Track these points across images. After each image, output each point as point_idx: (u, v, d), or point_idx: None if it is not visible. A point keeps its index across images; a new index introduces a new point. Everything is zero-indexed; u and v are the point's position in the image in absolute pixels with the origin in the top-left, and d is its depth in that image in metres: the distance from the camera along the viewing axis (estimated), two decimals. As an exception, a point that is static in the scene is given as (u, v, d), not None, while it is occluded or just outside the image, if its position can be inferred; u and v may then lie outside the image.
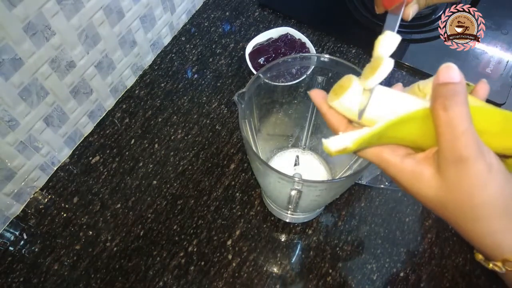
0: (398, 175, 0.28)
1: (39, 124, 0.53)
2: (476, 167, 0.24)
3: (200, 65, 0.71)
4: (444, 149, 0.25)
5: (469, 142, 0.24)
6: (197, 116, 0.65)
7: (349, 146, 0.28)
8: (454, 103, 0.24)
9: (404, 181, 0.28)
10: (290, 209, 0.51)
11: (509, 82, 0.66)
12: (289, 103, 0.55)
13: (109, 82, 0.63)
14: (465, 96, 0.25)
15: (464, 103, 0.25)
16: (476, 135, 0.24)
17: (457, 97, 0.25)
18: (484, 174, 0.24)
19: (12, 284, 0.51)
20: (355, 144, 0.28)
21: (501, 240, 0.26)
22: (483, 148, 0.25)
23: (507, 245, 0.26)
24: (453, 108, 0.24)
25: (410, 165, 0.27)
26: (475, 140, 0.24)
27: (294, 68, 0.54)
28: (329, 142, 0.29)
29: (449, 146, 0.25)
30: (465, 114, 0.24)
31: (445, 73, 0.26)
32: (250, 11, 0.78)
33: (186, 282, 0.51)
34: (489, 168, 0.24)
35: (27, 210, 0.56)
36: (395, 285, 0.51)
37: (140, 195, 0.58)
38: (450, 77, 0.25)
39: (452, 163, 0.25)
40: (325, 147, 0.29)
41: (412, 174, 0.27)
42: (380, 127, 0.27)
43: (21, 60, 0.46)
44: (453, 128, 0.24)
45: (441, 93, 0.25)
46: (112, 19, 0.57)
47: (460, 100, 0.25)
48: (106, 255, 0.53)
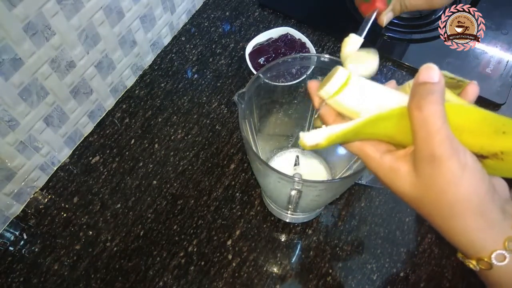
0: (377, 170, 0.29)
1: (39, 124, 0.53)
2: (449, 166, 0.24)
3: (200, 65, 0.71)
4: (418, 147, 0.25)
5: (443, 141, 0.24)
6: (197, 116, 0.65)
7: (320, 143, 0.30)
8: (429, 102, 0.25)
9: (382, 176, 0.29)
10: (290, 209, 0.51)
11: (509, 82, 0.66)
12: (289, 103, 0.55)
13: (109, 82, 0.63)
14: (441, 95, 0.25)
15: (439, 103, 0.25)
16: (450, 134, 0.25)
17: (432, 96, 0.25)
18: (458, 172, 0.24)
19: (12, 284, 0.51)
20: (326, 140, 0.29)
21: (475, 238, 0.26)
22: (457, 147, 0.25)
23: (480, 244, 0.26)
24: (427, 107, 0.25)
25: (389, 161, 0.28)
26: (449, 139, 0.24)
27: (294, 68, 0.54)
28: (305, 137, 0.30)
29: (423, 144, 0.25)
30: (439, 113, 0.25)
31: (424, 73, 0.26)
32: (250, 11, 0.78)
33: (186, 282, 0.51)
34: (462, 167, 0.24)
35: (27, 210, 0.56)
36: (395, 285, 0.51)
37: (140, 195, 0.58)
38: (429, 77, 0.26)
39: (426, 161, 0.25)
40: (301, 141, 0.30)
41: (390, 170, 0.28)
42: (354, 125, 0.28)
43: (21, 60, 0.46)
44: (426, 127, 0.25)
45: (418, 92, 0.26)
46: (112, 19, 0.57)
47: (434, 99, 0.25)
48: (106, 255, 0.53)
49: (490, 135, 0.26)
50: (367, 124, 0.28)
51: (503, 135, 0.26)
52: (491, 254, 0.25)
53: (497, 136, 0.26)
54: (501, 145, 0.26)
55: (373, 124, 0.28)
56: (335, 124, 0.30)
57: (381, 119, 0.28)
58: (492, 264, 0.26)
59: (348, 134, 0.29)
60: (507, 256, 0.25)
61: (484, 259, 0.26)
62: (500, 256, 0.25)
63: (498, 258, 0.25)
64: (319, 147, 0.30)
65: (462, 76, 0.73)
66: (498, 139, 0.26)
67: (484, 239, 0.26)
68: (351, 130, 0.29)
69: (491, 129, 0.26)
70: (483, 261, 0.26)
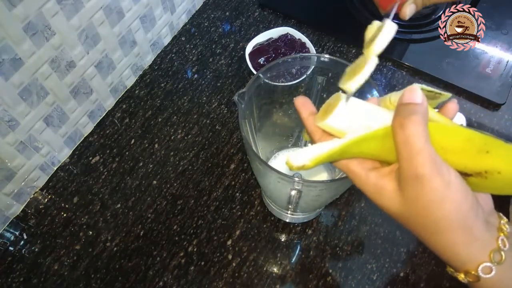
0: (363, 187, 0.29)
1: (39, 124, 0.53)
2: (432, 184, 0.25)
3: (200, 65, 0.71)
4: (402, 166, 0.26)
5: (425, 160, 0.25)
6: (197, 116, 0.65)
7: (307, 164, 0.30)
8: (411, 122, 0.25)
9: (368, 193, 0.29)
10: (290, 209, 0.51)
11: (509, 82, 0.66)
12: (289, 103, 0.55)
13: (109, 82, 0.63)
14: (424, 116, 0.26)
15: (421, 123, 0.25)
16: (433, 153, 0.25)
17: (414, 116, 0.25)
18: (441, 190, 0.25)
19: (12, 284, 0.51)
20: (312, 162, 0.30)
21: (460, 252, 0.26)
22: (441, 165, 0.25)
23: (466, 257, 0.26)
24: (409, 127, 0.25)
25: (374, 178, 0.28)
26: (431, 158, 0.25)
27: (294, 68, 0.54)
28: (291, 158, 0.30)
29: (406, 164, 0.25)
30: (421, 133, 0.25)
31: (408, 94, 0.27)
32: (250, 11, 0.78)
33: (186, 282, 0.51)
34: (446, 185, 0.25)
35: (27, 210, 0.56)
36: (395, 285, 0.51)
37: (140, 195, 0.58)
38: (412, 98, 0.26)
39: (409, 180, 0.26)
40: (287, 162, 0.31)
41: (375, 188, 0.28)
42: (339, 146, 0.29)
43: (21, 60, 0.46)
44: (409, 147, 0.25)
45: (401, 112, 0.26)
46: (112, 19, 0.57)
47: (417, 120, 0.25)
48: (106, 255, 0.53)
49: (474, 155, 0.27)
50: (353, 145, 0.29)
51: (486, 154, 0.26)
52: (478, 267, 0.26)
53: (480, 155, 0.26)
54: (484, 164, 0.26)
55: (359, 145, 0.29)
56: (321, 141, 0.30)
57: (366, 139, 0.28)
58: (480, 277, 0.26)
59: (334, 155, 0.29)
60: (493, 268, 0.26)
61: (471, 272, 0.26)
62: (487, 268, 0.26)
63: (485, 271, 0.26)
64: (305, 169, 0.30)
65: (462, 76, 0.73)
66: (482, 158, 0.26)
67: (469, 252, 0.26)
68: (337, 151, 0.29)
69: (474, 148, 0.27)
70: (470, 274, 0.26)
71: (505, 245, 0.26)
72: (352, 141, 0.28)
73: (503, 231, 0.27)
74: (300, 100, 0.34)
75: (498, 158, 0.26)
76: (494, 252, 0.26)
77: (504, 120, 0.64)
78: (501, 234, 0.26)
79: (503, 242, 0.26)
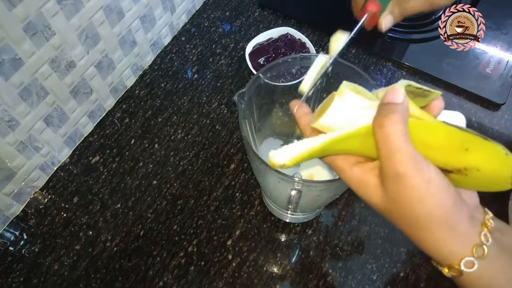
0: (348, 181, 0.30)
1: (39, 124, 0.53)
2: (412, 182, 0.25)
3: (200, 65, 0.71)
4: (382, 164, 0.26)
5: (404, 158, 0.25)
6: (197, 116, 0.65)
7: (286, 163, 0.30)
8: (390, 121, 0.25)
9: (353, 187, 0.30)
10: (290, 209, 0.51)
11: (509, 82, 0.66)
12: (289, 103, 0.55)
13: (109, 82, 0.63)
14: (403, 115, 0.26)
15: (400, 122, 0.25)
16: (412, 151, 0.25)
17: (393, 115, 0.26)
18: (422, 188, 0.25)
19: (12, 284, 0.51)
20: (292, 161, 0.30)
21: (443, 247, 0.27)
22: (421, 163, 0.25)
23: (448, 252, 0.27)
24: (388, 126, 0.25)
25: (358, 173, 0.29)
26: (411, 155, 0.25)
27: (294, 68, 0.54)
28: (273, 156, 0.31)
29: (386, 162, 0.26)
30: (399, 132, 0.25)
31: (389, 94, 0.27)
32: (250, 11, 0.78)
33: (186, 282, 0.51)
34: (427, 183, 0.25)
35: (27, 210, 0.56)
36: (395, 285, 0.51)
37: (140, 195, 0.58)
38: (393, 98, 0.27)
39: (390, 178, 0.26)
40: (270, 160, 0.31)
41: (359, 182, 0.29)
42: (319, 145, 0.29)
43: (21, 60, 0.46)
44: (388, 145, 0.25)
45: (381, 111, 0.27)
46: (112, 19, 0.57)
47: (396, 119, 0.25)
48: (106, 255, 0.53)
49: (454, 152, 0.27)
50: (334, 143, 0.29)
51: (466, 151, 0.26)
52: (460, 262, 0.26)
53: (460, 152, 0.27)
54: (464, 161, 0.27)
55: (340, 143, 0.29)
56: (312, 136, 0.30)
57: (347, 138, 0.29)
58: (462, 271, 0.26)
59: (314, 153, 0.30)
60: (475, 263, 0.26)
61: (454, 266, 0.26)
62: (469, 262, 0.26)
63: (467, 265, 0.26)
64: (286, 167, 0.31)
65: (462, 76, 0.73)
66: (462, 155, 0.27)
67: (452, 247, 0.26)
68: (317, 150, 0.29)
69: (454, 145, 0.27)
70: (453, 268, 0.27)
71: (488, 239, 0.26)
72: (332, 140, 0.29)
73: (487, 226, 0.27)
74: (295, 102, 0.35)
75: (476, 156, 0.26)
76: (477, 246, 0.26)
77: (504, 120, 0.64)
78: (485, 229, 0.27)
79: (485, 237, 0.26)
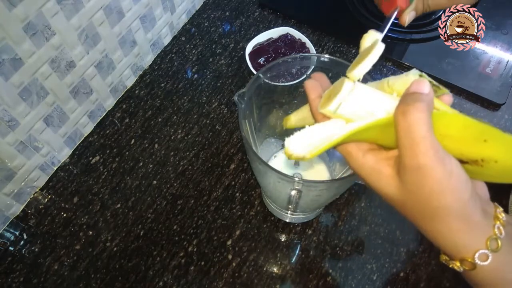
0: (360, 169, 0.29)
1: (39, 124, 0.53)
2: (434, 174, 0.24)
3: (200, 65, 0.71)
4: (403, 154, 0.25)
5: (427, 149, 0.24)
6: (197, 116, 0.65)
7: (306, 157, 0.29)
8: (414, 109, 0.25)
9: (365, 175, 0.29)
10: (290, 209, 0.51)
11: (509, 82, 0.66)
12: (289, 103, 0.55)
13: (109, 82, 0.63)
14: (428, 105, 0.25)
15: (425, 110, 0.25)
16: (435, 142, 0.25)
17: (419, 103, 0.25)
18: (443, 181, 0.25)
19: (12, 284, 0.51)
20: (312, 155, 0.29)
21: (458, 240, 0.26)
22: (443, 154, 0.25)
23: (463, 244, 0.26)
24: (412, 114, 0.25)
25: (371, 161, 0.28)
26: (434, 147, 0.24)
27: (294, 68, 0.54)
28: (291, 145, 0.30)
29: (407, 152, 0.25)
30: (423, 121, 0.24)
31: (416, 85, 0.27)
32: (250, 11, 0.78)
33: (186, 282, 0.51)
34: (448, 175, 0.25)
35: (27, 210, 0.56)
36: (395, 285, 0.51)
37: (140, 195, 0.58)
38: (419, 88, 0.26)
39: (410, 169, 0.25)
40: (286, 150, 0.30)
41: (372, 170, 0.28)
42: (339, 138, 0.28)
43: (21, 60, 0.46)
44: (411, 134, 0.25)
45: (405, 99, 0.26)
46: (112, 19, 0.57)
47: (420, 107, 0.25)
48: (106, 255, 0.53)
49: (471, 142, 0.27)
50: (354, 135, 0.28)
51: (484, 143, 0.26)
52: (474, 254, 0.26)
53: (477, 143, 0.26)
54: (481, 152, 0.26)
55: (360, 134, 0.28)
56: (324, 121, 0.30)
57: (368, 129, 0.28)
58: (476, 264, 0.26)
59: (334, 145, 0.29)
60: (489, 256, 0.26)
61: (467, 260, 0.26)
62: (483, 255, 0.26)
63: (481, 258, 0.26)
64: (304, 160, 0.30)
65: (462, 76, 0.73)
66: (479, 146, 0.26)
67: (466, 240, 0.26)
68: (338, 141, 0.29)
69: (472, 136, 0.26)
70: (466, 261, 0.26)
71: (501, 232, 0.26)
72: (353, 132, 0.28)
73: (499, 219, 0.27)
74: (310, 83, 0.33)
75: (496, 147, 0.26)
76: (491, 239, 0.26)
77: (504, 120, 0.64)
78: (497, 222, 0.27)
79: (499, 230, 0.26)
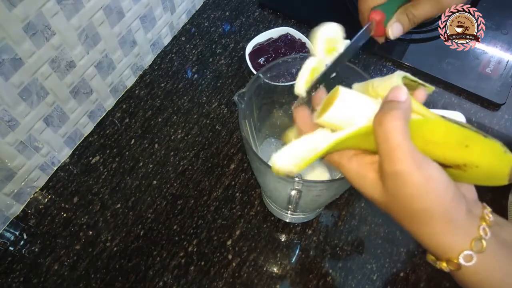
0: (346, 174, 0.30)
1: (39, 124, 0.53)
2: (412, 179, 0.25)
3: (200, 65, 0.71)
4: (382, 161, 0.26)
5: (404, 155, 0.25)
6: (197, 116, 0.65)
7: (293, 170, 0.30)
8: (390, 117, 0.25)
9: (351, 180, 0.30)
10: (290, 209, 0.51)
11: (509, 82, 0.66)
12: (289, 103, 0.55)
13: (109, 82, 0.63)
14: (404, 113, 0.26)
15: (401, 118, 0.25)
16: (412, 148, 0.25)
17: (394, 111, 0.26)
18: (421, 185, 0.25)
19: (12, 284, 0.51)
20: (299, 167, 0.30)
21: (442, 241, 0.27)
22: (420, 160, 0.25)
23: (448, 245, 0.27)
24: (388, 122, 0.25)
25: (356, 165, 0.29)
26: (410, 153, 0.25)
27: (294, 68, 0.54)
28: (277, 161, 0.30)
29: (386, 159, 0.26)
30: (400, 128, 0.25)
31: (393, 92, 0.27)
32: (250, 11, 0.78)
33: (186, 282, 0.51)
34: (426, 179, 0.25)
35: (27, 210, 0.56)
36: (395, 285, 0.51)
37: (140, 195, 0.58)
38: (396, 96, 0.27)
39: (389, 174, 0.26)
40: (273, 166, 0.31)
41: (357, 175, 0.29)
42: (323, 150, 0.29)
43: (21, 60, 0.46)
44: (388, 142, 0.25)
45: (383, 108, 0.27)
46: (112, 19, 0.57)
47: (397, 115, 0.25)
48: (106, 255, 0.53)
49: (454, 148, 0.27)
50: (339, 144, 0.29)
51: (465, 148, 0.27)
52: (459, 255, 0.26)
53: (460, 149, 0.27)
54: (463, 158, 0.27)
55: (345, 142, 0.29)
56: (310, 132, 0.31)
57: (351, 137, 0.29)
58: (461, 265, 0.26)
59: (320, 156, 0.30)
60: (474, 256, 0.26)
61: (453, 260, 0.27)
62: (468, 256, 0.26)
63: (466, 259, 0.26)
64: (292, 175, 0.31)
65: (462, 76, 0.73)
66: (461, 152, 0.27)
67: (451, 241, 0.27)
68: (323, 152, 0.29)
69: (454, 142, 0.27)
70: (452, 262, 0.27)
71: (486, 233, 0.26)
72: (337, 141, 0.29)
73: (486, 220, 0.27)
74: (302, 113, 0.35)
75: (476, 153, 0.27)
76: (476, 240, 0.26)
77: (504, 120, 0.64)
78: (483, 223, 0.27)
79: (484, 231, 0.26)
